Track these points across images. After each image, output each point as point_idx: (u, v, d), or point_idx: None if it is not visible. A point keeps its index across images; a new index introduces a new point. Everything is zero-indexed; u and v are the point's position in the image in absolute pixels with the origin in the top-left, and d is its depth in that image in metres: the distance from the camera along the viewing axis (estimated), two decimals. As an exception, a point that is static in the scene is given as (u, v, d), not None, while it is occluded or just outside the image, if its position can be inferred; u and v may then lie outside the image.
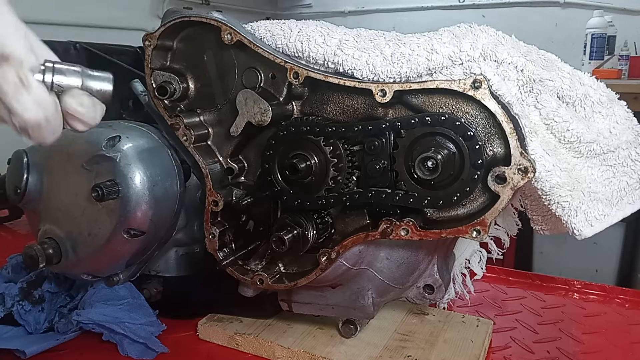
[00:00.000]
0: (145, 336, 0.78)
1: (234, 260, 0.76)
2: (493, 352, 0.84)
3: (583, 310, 0.99)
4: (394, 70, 0.67)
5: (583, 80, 0.70)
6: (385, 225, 0.65)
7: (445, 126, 0.62)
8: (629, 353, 0.85)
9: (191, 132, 0.75)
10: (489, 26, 0.69)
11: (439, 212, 0.67)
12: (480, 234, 0.61)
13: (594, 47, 2.95)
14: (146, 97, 0.81)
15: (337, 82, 0.67)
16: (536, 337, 0.89)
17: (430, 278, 0.79)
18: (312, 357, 0.77)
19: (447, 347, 0.80)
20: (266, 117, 0.70)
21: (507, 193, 0.60)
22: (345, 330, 0.81)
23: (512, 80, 0.67)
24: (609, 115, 0.71)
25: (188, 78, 0.77)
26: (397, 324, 0.86)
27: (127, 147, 0.75)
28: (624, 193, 0.73)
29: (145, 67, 0.75)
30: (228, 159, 0.78)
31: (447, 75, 0.67)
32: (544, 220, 0.79)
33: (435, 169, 0.62)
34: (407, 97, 0.66)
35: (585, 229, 0.71)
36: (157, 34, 0.73)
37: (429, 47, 0.67)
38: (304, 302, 0.80)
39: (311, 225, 0.71)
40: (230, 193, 0.77)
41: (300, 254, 0.72)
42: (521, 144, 0.60)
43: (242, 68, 0.74)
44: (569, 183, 0.69)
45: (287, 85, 0.72)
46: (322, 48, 0.70)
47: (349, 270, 0.73)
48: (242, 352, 0.82)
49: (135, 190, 0.73)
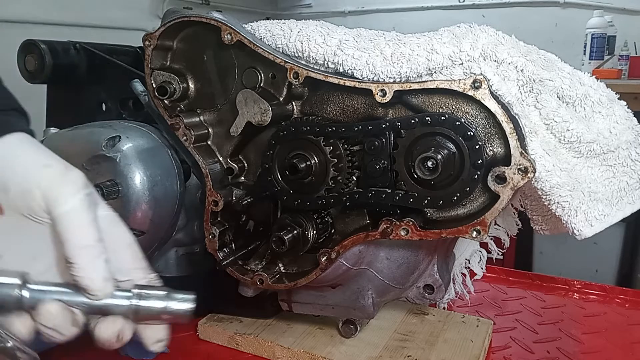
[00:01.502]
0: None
1: (234, 260, 0.76)
2: (493, 352, 0.84)
3: (583, 310, 0.99)
4: (394, 70, 0.67)
5: (583, 80, 0.70)
6: (385, 225, 0.65)
7: (445, 126, 0.62)
8: (629, 353, 0.85)
9: (191, 132, 0.75)
10: (489, 26, 0.69)
11: (439, 212, 0.67)
12: (480, 234, 0.61)
13: (594, 47, 2.95)
14: (146, 97, 0.81)
15: (337, 82, 0.67)
16: (536, 337, 0.89)
17: (430, 278, 0.79)
18: (312, 357, 0.77)
19: (447, 347, 0.80)
20: (266, 117, 0.70)
21: (507, 193, 0.60)
22: (345, 330, 0.81)
23: (512, 80, 0.67)
24: (609, 115, 0.71)
25: (188, 78, 0.77)
26: (397, 324, 0.86)
27: (127, 147, 0.75)
28: (624, 193, 0.73)
29: (145, 67, 0.75)
30: (228, 159, 0.78)
31: (447, 75, 0.67)
32: (544, 220, 0.79)
33: (435, 169, 0.62)
34: (407, 97, 0.66)
35: (585, 229, 0.71)
36: (157, 34, 0.73)
37: (429, 47, 0.67)
38: (304, 302, 0.80)
39: (311, 225, 0.71)
40: (230, 193, 0.77)
41: (300, 254, 0.72)
42: (521, 144, 0.60)
43: (242, 68, 0.74)
44: (569, 183, 0.69)
45: (287, 85, 0.72)
46: (322, 48, 0.70)
47: (349, 270, 0.73)
48: (242, 352, 0.82)
49: (135, 190, 0.73)
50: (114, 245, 0.52)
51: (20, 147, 0.51)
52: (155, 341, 0.53)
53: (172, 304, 0.52)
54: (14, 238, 0.51)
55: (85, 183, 0.51)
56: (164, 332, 0.54)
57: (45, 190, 0.48)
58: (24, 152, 0.51)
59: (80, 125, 0.80)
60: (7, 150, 0.50)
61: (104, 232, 0.51)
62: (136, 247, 0.55)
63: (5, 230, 0.51)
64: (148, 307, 0.51)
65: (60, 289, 0.50)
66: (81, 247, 0.48)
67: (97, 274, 0.49)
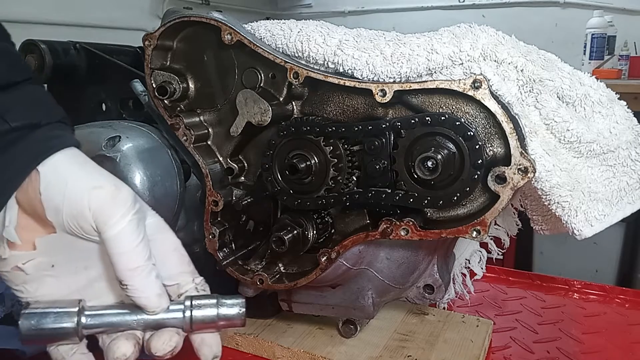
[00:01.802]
0: (145, 336, 0.78)
1: (234, 260, 0.76)
2: (493, 352, 0.84)
3: (583, 310, 0.99)
4: (394, 70, 0.67)
5: (583, 80, 0.70)
6: (385, 225, 0.65)
7: (445, 126, 0.62)
8: (629, 353, 0.85)
9: (191, 132, 0.75)
10: (489, 26, 0.69)
11: (439, 212, 0.67)
12: (480, 234, 0.61)
13: (594, 47, 2.95)
14: (146, 97, 0.81)
15: (337, 82, 0.67)
16: (536, 337, 0.89)
17: (430, 278, 0.79)
18: (312, 357, 0.77)
19: (447, 347, 0.80)
20: (266, 117, 0.71)
21: (507, 193, 0.60)
22: (345, 330, 0.81)
23: (512, 80, 0.67)
24: (609, 115, 0.71)
25: (188, 78, 0.77)
26: (397, 324, 0.86)
27: (127, 147, 0.75)
28: (624, 193, 0.73)
29: (145, 67, 0.75)
30: (228, 159, 0.78)
31: (447, 75, 0.67)
32: (544, 220, 0.79)
33: (435, 169, 0.62)
34: (407, 97, 0.66)
35: (585, 229, 0.71)
36: (157, 34, 0.73)
37: (429, 47, 0.67)
38: (304, 302, 0.80)
39: (311, 225, 0.71)
40: (230, 193, 0.77)
41: (300, 254, 0.72)
42: (521, 144, 0.60)
43: (242, 68, 0.74)
44: (569, 183, 0.69)
45: (287, 85, 0.72)
46: (322, 48, 0.70)
47: (349, 270, 0.73)
48: (242, 352, 0.82)
49: (135, 190, 0.73)
50: (161, 251, 0.53)
51: (69, 168, 0.51)
52: (213, 357, 0.54)
53: (223, 309, 0.53)
54: (66, 251, 0.52)
55: (134, 200, 0.51)
56: (219, 347, 0.54)
57: (95, 212, 0.49)
58: (74, 173, 0.50)
59: (81, 125, 0.80)
60: (56, 172, 0.50)
61: (151, 239, 0.52)
62: (182, 250, 0.56)
63: (56, 244, 0.51)
64: (202, 316, 0.52)
65: (115, 311, 0.52)
66: (132, 270, 0.49)
67: (151, 292, 0.50)
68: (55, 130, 0.53)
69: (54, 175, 0.50)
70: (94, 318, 0.51)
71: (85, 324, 0.50)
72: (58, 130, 0.53)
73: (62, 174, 0.50)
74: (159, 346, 0.51)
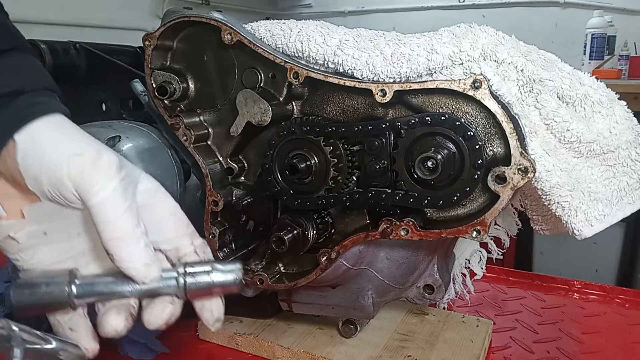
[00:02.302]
0: (145, 336, 0.78)
1: (234, 260, 0.76)
2: (493, 352, 0.84)
3: (583, 310, 0.99)
4: (394, 70, 0.67)
5: (583, 80, 0.70)
6: (385, 225, 0.65)
7: (445, 126, 0.62)
8: (629, 353, 0.85)
9: (191, 132, 0.75)
10: (489, 26, 0.69)
11: (439, 212, 0.67)
12: (480, 234, 0.61)
13: (594, 47, 2.96)
14: (146, 97, 0.81)
15: (337, 82, 0.67)
16: (536, 337, 0.89)
17: (430, 278, 0.79)
18: (312, 357, 0.77)
19: (447, 347, 0.80)
20: (266, 117, 0.71)
21: (507, 193, 0.60)
22: (345, 330, 0.81)
23: (512, 80, 0.67)
24: (609, 115, 0.71)
25: (188, 78, 0.77)
26: (397, 324, 0.86)
27: (127, 147, 0.75)
28: (624, 193, 0.73)
29: (145, 67, 0.75)
30: (228, 159, 0.78)
31: (447, 75, 0.67)
32: (544, 220, 0.79)
33: (435, 169, 0.62)
34: (407, 97, 0.66)
35: (585, 229, 0.71)
36: (157, 34, 0.73)
37: (429, 47, 0.67)
38: (304, 302, 0.80)
39: (311, 225, 0.71)
40: (230, 193, 0.77)
41: (300, 254, 0.72)
42: (521, 144, 0.60)
43: (242, 68, 0.74)
44: (569, 183, 0.69)
45: (287, 85, 0.72)
46: (322, 48, 0.70)
47: (349, 270, 0.73)
48: (242, 352, 0.82)
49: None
50: (156, 216, 0.51)
51: (49, 135, 0.48)
52: (215, 321, 0.52)
53: (218, 276, 0.51)
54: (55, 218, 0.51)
55: (119, 166, 0.48)
56: (221, 311, 0.53)
57: (75, 181, 0.46)
58: (53, 141, 0.48)
59: (81, 125, 0.80)
60: (34, 140, 0.47)
61: (144, 206, 0.50)
62: (180, 214, 0.53)
63: (45, 212, 0.50)
64: (196, 282, 0.51)
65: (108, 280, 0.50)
66: (117, 239, 0.47)
67: (138, 262, 0.48)
68: (40, 97, 0.51)
69: (32, 143, 0.47)
70: (84, 287, 0.49)
71: (76, 293, 0.48)
72: (42, 97, 0.51)
73: (40, 142, 0.48)
74: (151, 319, 0.50)
